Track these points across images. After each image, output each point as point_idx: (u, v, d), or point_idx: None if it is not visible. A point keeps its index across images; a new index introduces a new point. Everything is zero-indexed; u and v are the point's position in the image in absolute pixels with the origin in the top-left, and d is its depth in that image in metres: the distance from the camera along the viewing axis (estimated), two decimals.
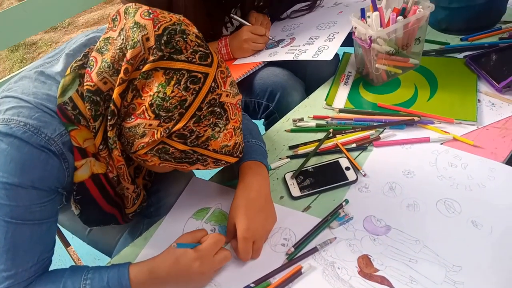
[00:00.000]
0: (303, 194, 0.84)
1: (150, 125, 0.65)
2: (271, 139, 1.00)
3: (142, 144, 0.66)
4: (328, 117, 1.02)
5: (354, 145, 0.93)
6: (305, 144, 0.96)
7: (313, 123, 1.01)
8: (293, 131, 1.01)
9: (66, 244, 1.25)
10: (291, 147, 0.97)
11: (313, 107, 1.07)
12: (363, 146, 0.93)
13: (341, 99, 1.06)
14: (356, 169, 0.87)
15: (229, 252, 0.74)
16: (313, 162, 0.91)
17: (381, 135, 0.94)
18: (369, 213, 0.79)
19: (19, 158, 0.65)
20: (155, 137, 0.65)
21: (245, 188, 0.78)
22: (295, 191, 0.85)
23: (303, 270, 0.71)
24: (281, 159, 0.94)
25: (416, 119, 0.95)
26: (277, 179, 0.90)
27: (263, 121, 1.27)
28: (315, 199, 0.84)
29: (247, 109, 1.25)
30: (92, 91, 0.67)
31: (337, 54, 1.19)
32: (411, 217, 0.78)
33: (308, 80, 1.23)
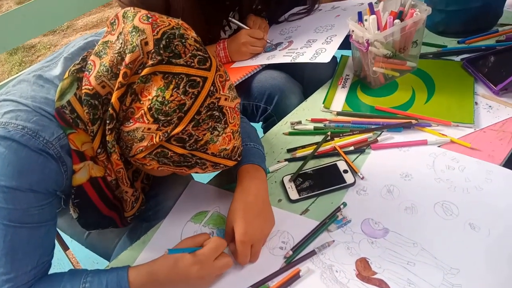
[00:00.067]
0: (301, 197, 0.85)
1: (148, 129, 0.65)
2: (269, 142, 1.00)
3: (140, 148, 0.66)
4: (326, 120, 1.02)
5: (352, 148, 0.93)
6: (303, 147, 0.96)
7: (311, 126, 1.01)
8: (291, 134, 1.01)
9: (64, 247, 1.25)
10: (289, 150, 0.97)
11: (311, 110, 1.07)
12: (361, 149, 0.93)
13: (339, 102, 1.07)
14: (354, 172, 0.88)
15: (231, 259, 0.74)
16: (311, 165, 0.92)
17: (378, 138, 0.94)
18: (367, 216, 0.80)
19: (17, 161, 0.65)
20: (154, 141, 0.65)
21: (243, 191, 0.79)
22: (293, 194, 0.85)
23: (301, 273, 0.72)
24: (279, 162, 0.94)
25: (413, 121, 0.95)
26: (275, 182, 0.90)
27: (261, 124, 1.27)
28: (313, 202, 0.84)
29: (245, 112, 1.25)
30: (90, 95, 0.67)
31: (335, 57, 1.19)
32: (409, 220, 0.78)
33: (306, 83, 1.23)
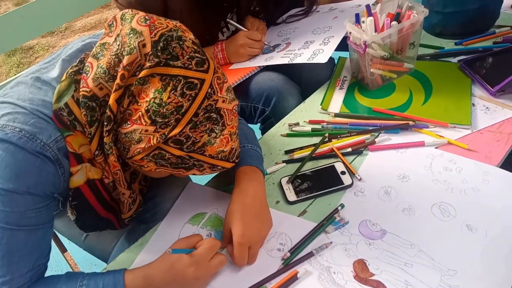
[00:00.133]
0: (299, 198, 0.85)
1: (146, 131, 0.65)
2: (267, 143, 1.00)
3: (138, 149, 0.66)
4: (323, 121, 1.02)
5: (349, 150, 0.93)
6: (301, 148, 0.96)
7: (309, 128, 1.01)
8: (289, 135, 1.01)
9: (62, 249, 1.25)
10: (287, 152, 0.97)
11: (309, 111, 1.07)
12: (358, 150, 0.93)
13: (336, 103, 1.07)
14: (351, 174, 0.88)
15: (225, 256, 0.74)
16: (308, 166, 0.92)
17: (376, 140, 0.94)
18: (365, 218, 0.80)
19: (14, 164, 0.65)
20: (151, 143, 0.65)
21: (241, 193, 0.79)
22: (291, 195, 0.86)
23: (299, 275, 0.72)
24: (277, 163, 0.94)
25: (411, 123, 0.96)
26: (273, 183, 0.90)
27: (259, 126, 1.28)
28: (311, 204, 0.84)
29: (243, 113, 1.25)
30: (88, 97, 0.67)
31: (333, 58, 1.20)
32: (406, 221, 0.78)
33: (304, 84, 1.24)
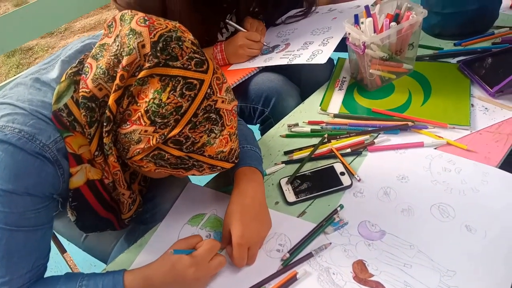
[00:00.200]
0: (298, 199, 0.85)
1: (145, 131, 0.65)
2: (266, 144, 1.00)
3: (137, 150, 0.67)
4: (323, 122, 1.02)
5: (348, 150, 0.93)
6: (300, 149, 0.96)
7: (308, 128, 1.01)
8: (288, 136, 1.01)
9: (62, 250, 1.25)
10: (286, 153, 0.97)
11: (308, 112, 1.07)
12: (357, 151, 0.93)
13: (335, 104, 1.07)
14: (350, 174, 0.88)
15: (224, 257, 0.74)
16: (308, 167, 0.92)
17: (375, 140, 0.95)
18: (364, 218, 0.80)
19: (14, 164, 0.65)
20: (151, 143, 0.65)
21: (240, 194, 0.79)
22: (290, 196, 0.86)
23: (298, 276, 0.72)
24: (276, 164, 0.94)
25: (410, 124, 0.96)
26: (272, 184, 0.90)
27: (258, 126, 1.28)
28: (310, 205, 0.84)
29: (242, 114, 1.25)
30: (87, 98, 0.67)
31: (332, 59, 1.20)
32: (406, 222, 0.78)
33: (303, 85, 1.24)
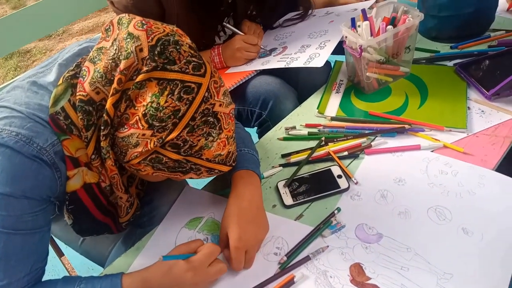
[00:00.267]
0: (295, 202, 0.85)
1: (143, 135, 0.65)
2: (263, 147, 1.00)
3: (135, 153, 0.67)
4: (320, 125, 1.02)
5: (346, 153, 0.94)
6: (298, 152, 0.97)
7: (305, 131, 1.01)
8: (285, 139, 1.02)
9: (59, 253, 1.24)
10: (284, 156, 0.97)
11: (305, 115, 1.07)
12: (354, 154, 0.93)
13: (333, 107, 1.07)
14: (348, 177, 0.88)
15: (225, 265, 0.74)
16: (305, 170, 0.92)
17: (372, 143, 0.95)
18: (361, 221, 0.80)
19: (11, 168, 0.65)
20: (149, 147, 0.65)
21: (237, 197, 0.79)
22: (288, 199, 0.86)
23: (296, 279, 0.72)
24: (273, 167, 0.95)
25: (407, 126, 0.96)
26: (270, 187, 0.90)
27: (256, 129, 1.28)
28: (308, 208, 0.84)
29: (240, 117, 1.25)
30: (84, 101, 0.67)
31: (329, 62, 1.20)
32: (403, 225, 0.78)
33: (300, 88, 1.24)
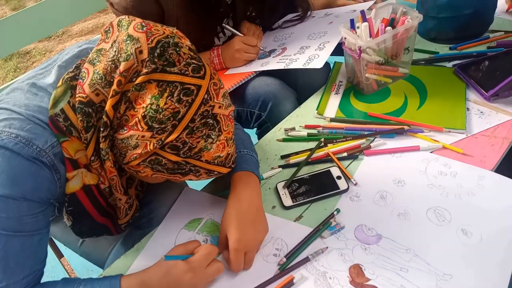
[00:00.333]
0: (295, 203, 0.85)
1: (143, 136, 0.65)
2: (263, 148, 1.00)
3: (134, 155, 0.67)
4: (319, 126, 1.02)
5: (345, 154, 0.94)
6: (297, 153, 0.97)
7: (305, 132, 1.01)
8: (285, 140, 1.02)
9: (59, 255, 1.25)
10: (283, 157, 0.97)
11: (305, 116, 1.08)
12: (354, 155, 0.94)
13: (332, 108, 1.07)
14: (347, 178, 0.88)
15: (222, 264, 0.74)
16: (304, 171, 0.92)
17: (371, 144, 0.95)
18: (360, 222, 0.80)
19: (10, 169, 0.65)
20: (148, 149, 0.65)
21: (237, 199, 0.79)
22: (287, 200, 0.86)
23: (295, 280, 0.72)
24: (273, 168, 0.95)
25: (406, 128, 0.96)
26: (269, 188, 0.90)
27: (255, 130, 1.28)
28: (307, 209, 0.85)
29: (239, 118, 1.25)
30: (84, 103, 0.67)
31: (328, 63, 1.20)
32: (402, 226, 0.78)
33: (300, 89, 1.24)
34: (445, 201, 0.81)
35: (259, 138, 1.20)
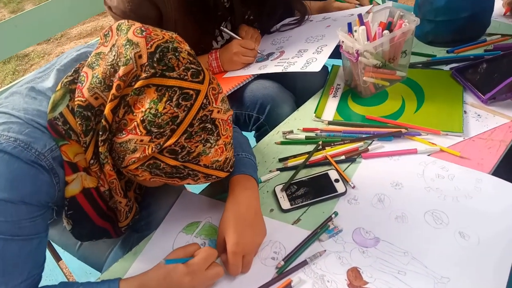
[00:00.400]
0: (293, 206, 0.85)
1: (141, 140, 0.65)
2: (261, 151, 1.01)
3: (133, 159, 0.67)
4: (317, 129, 1.03)
5: (343, 157, 0.94)
6: (295, 156, 0.97)
7: (303, 136, 1.02)
8: (283, 143, 1.02)
9: (57, 258, 1.24)
10: (281, 160, 0.97)
11: (303, 119, 1.08)
12: (352, 158, 0.94)
13: (330, 111, 1.08)
14: (345, 181, 0.88)
15: (222, 268, 0.74)
16: (302, 174, 0.92)
17: (369, 147, 0.95)
18: (358, 225, 0.80)
19: (9, 173, 0.65)
20: (146, 153, 0.65)
21: (235, 202, 0.79)
22: (285, 203, 0.86)
23: (293, 283, 0.72)
24: (271, 171, 0.95)
25: (403, 131, 0.97)
26: (267, 192, 0.90)
27: (254, 133, 1.28)
28: (305, 212, 0.85)
29: (238, 121, 1.26)
30: (83, 107, 0.67)
31: (326, 66, 1.21)
32: (400, 229, 0.79)
33: (297, 92, 1.24)
34: (443, 204, 0.82)
35: (257, 141, 1.20)
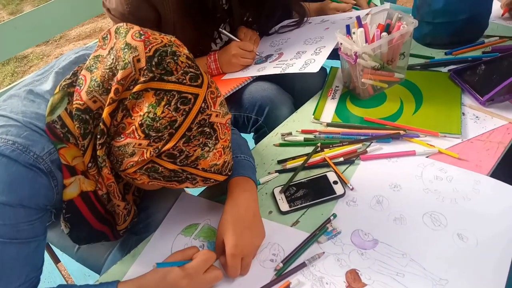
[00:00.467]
0: (291, 208, 0.85)
1: (139, 144, 0.65)
2: (259, 153, 1.01)
3: (131, 163, 0.67)
4: (316, 131, 1.03)
5: (341, 159, 0.94)
6: (294, 158, 0.97)
7: (301, 137, 1.02)
8: (281, 145, 1.02)
9: (55, 260, 1.24)
10: (280, 162, 0.97)
11: (301, 121, 1.08)
12: (350, 160, 0.94)
13: (328, 113, 1.08)
14: (343, 183, 0.88)
15: (221, 272, 0.74)
16: (301, 176, 0.92)
17: (368, 149, 0.95)
18: (357, 227, 0.80)
19: (7, 176, 0.65)
20: (145, 157, 0.65)
21: (233, 204, 0.79)
22: (284, 205, 0.86)
23: (292, 286, 0.72)
24: (269, 173, 0.95)
25: (402, 132, 0.97)
26: (266, 194, 0.91)
27: (252, 135, 1.28)
28: (304, 214, 0.85)
29: (236, 123, 1.26)
30: (81, 110, 0.68)
31: (325, 68, 1.21)
32: (398, 231, 0.79)
33: (296, 94, 1.25)
34: (441, 205, 0.82)
35: (256, 143, 1.20)
